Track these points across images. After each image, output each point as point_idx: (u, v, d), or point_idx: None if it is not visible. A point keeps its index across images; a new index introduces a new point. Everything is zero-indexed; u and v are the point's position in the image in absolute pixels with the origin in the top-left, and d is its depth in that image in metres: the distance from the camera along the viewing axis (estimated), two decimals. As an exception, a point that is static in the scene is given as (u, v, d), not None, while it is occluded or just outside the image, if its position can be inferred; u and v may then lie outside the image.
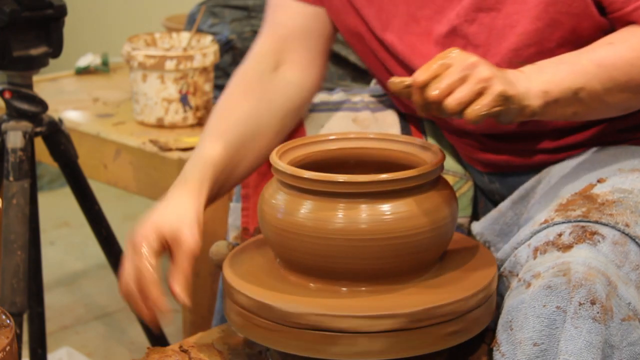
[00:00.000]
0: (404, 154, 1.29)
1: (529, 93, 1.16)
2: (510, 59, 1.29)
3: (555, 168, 1.36)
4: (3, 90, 1.73)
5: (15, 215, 1.66)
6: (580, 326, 1.11)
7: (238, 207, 1.48)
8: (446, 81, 1.11)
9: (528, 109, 1.16)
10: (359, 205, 1.16)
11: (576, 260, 1.13)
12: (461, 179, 1.50)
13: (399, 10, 1.37)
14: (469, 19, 1.32)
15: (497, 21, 1.31)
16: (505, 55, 1.30)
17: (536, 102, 1.16)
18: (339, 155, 1.31)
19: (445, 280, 1.22)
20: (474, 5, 1.31)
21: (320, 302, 1.17)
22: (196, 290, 2.11)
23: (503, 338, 1.16)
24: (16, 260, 1.64)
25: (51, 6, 1.69)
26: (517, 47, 1.29)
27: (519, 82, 1.16)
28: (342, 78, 2.37)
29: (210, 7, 2.47)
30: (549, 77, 1.18)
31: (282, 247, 1.21)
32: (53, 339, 2.34)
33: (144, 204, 3.25)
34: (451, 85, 1.11)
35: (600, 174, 1.27)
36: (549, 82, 1.18)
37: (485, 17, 1.31)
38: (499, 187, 1.46)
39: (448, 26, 1.34)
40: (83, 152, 1.99)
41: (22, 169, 1.69)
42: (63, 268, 2.85)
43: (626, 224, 1.17)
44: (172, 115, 2.20)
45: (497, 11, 1.30)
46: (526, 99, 1.16)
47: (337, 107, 1.51)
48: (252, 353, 1.30)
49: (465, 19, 1.32)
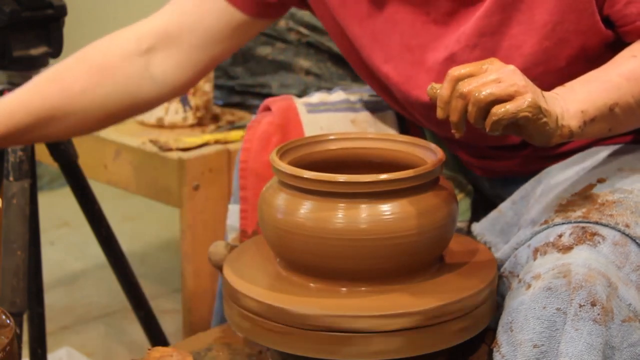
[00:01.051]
0: (404, 154, 1.29)
1: (566, 113, 1.13)
2: None
3: (555, 168, 1.36)
4: (3, 90, 1.73)
5: (15, 215, 1.66)
6: (580, 328, 1.10)
7: (236, 209, 1.48)
8: (481, 79, 1.08)
9: (566, 129, 1.13)
10: (359, 205, 1.16)
11: (576, 262, 1.13)
12: (460, 184, 1.49)
13: (391, 40, 1.35)
14: (470, 45, 1.29)
15: (502, 43, 1.28)
16: None
17: (574, 122, 1.14)
18: (339, 155, 1.31)
19: (446, 280, 1.22)
20: (476, 31, 1.28)
21: (321, 302, 1.17)
22: (196, 290, 2.11)
23: (503, 339, 1.16)
24: (16, 260, 1.64)
25: (51, 6, 1.69)
26: (524, 67, 1.22)
27: (555, 102, 1.13)
28: (342, 78, 2.37)
29: (210, 7, 2.47)
30: (584, 97, 1.16)
31: (282, 247, 1.21)
32: (53, 339, 2.34)
33: (144, 204, 3.26)
34: (485, 84, 1.08)
35: (600, 174, 1.27)
36: (584, 102, 1.15)
37: (489, 41, 1.28)
38: (500, 192, 1.46)
39: (446, 53, 1.31)
40: (83, 152, 1.99)
41: (22, 169, 1.69)
42: (63, 268, 2.85)
43: (626, 225, 1.17)
44: (172, 115, 2.20)
45: (501, 34, 1.28)
46: (564, 119, 1.13)
47: (335, 108, 1.50)
48: (252, 353, 1.30)
49: (466, 44, 1.29)
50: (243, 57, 2.38)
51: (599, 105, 1.16)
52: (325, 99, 1.52)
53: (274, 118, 1.45)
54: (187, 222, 2.07)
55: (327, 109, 1.50)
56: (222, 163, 2.09)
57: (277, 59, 2.36)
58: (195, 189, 2.05)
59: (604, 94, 1.17)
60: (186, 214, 2.06)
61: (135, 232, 3.11)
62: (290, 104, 1.48)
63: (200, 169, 2.05)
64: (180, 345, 1.34)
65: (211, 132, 2.18)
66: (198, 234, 2.08)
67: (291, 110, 1.47)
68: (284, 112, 1.46)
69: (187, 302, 2.13)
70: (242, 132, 2.17)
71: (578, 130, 1.14)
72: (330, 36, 1.45)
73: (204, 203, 2.07)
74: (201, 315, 2.14)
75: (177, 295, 2.65)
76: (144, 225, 3.18)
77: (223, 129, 2.20)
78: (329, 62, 2.38)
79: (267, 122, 1.45)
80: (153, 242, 3.07)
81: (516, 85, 1.08)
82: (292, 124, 1.46)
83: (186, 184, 2.03)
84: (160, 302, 2.60)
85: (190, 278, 2.10)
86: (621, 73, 1.19)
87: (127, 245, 2.23)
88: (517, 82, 1.08)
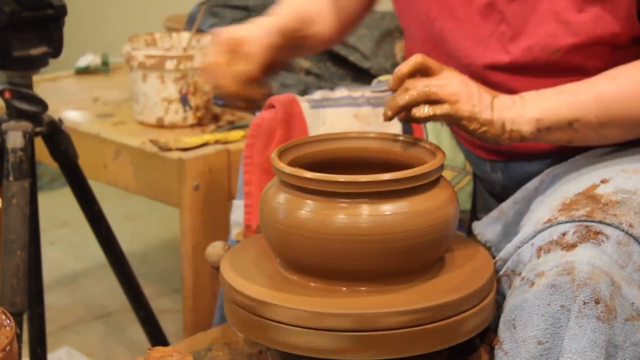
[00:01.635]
0: (404, 154, 1.29)
1: (519, 118, 1.24)
2: (544, 45, 1.30)
3: (558, 169, 1.36)
4: (3, 90, 1.73)
5: (15, 215, 1.66)
6: (584, 325, 1.11)
7: (241, 204, 1.48)
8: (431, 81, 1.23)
9: (516, 134, 1.25)
10: (359, 205, 1.16)
11: (580, 260, 1.14)
12: (460, 173, 1.50)
13: None
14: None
15: (541, 6, 1.30)
16: (541, 40, 1.30)
17: (526, 127, 1.25)
18: (339, 155, 1.31)
19: (446, 280, 1.22)
20: None
21: (321, 302, 1.17)
22: (196, 290, 2.11)
23: (506, 336, 1.17)
24: (16, 260, 1.64)
25: (51, 6, 1.69)
26: (556, 33, 1.28)
27: (506, 109, 1.24)
28: (342, 78, 2.37)
29: (210, 7, 2.47)
30: (547, 106, 1.25)
31: (282, 246, 1.21)
32: (53, 339, 2.34)
33: (144, 204, 3.27)
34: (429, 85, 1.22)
35: (603, 175, 1.28)
36: (545, 111, 1.25)
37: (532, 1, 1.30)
38: (500, 176, 1.46)
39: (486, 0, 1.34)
40: (83, 152, 1.99)
41: (22, 169, 1.69)
42: (63, 268, 2.85)
43: (630, 225, 1.17)
44: (172, 115, 2.20)
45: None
46: (514, 123, 1.24)
47: (338, 104, 1.51)
48: (252, 353, 1.30)
49: None
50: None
51: (558, 118, 1.25)
52: (327, 96, 1.53)
53: (277, 113, 1.46)
54: (187, 222, 2.06)
55: (330, 104, 1.51)
56: (222, 163, 2.09)
57: (277, 59, 2.36)
58: (195, 189, 2.04)
59: (568, 107, 1.25)
60: (186, 214, 2.06)
61: (135, 232, 3.11)
62: (293, 100, 1.49)
63: (200, 169, 2.05)
64: (180, 345, 1.34)
65: (211, 132, 2.17)
66: (198, 234, 2.08)
67: (294, 105, 1.48)
68: (287, 108, 1.47)
69: (187, 302, 2.13)
70: (243, 132, 2.17)
71: (530, 135, 1.25)
72: None
73: (204, 203, 2.07)
74: (201, 315, 2.14)
75: (177, 295, 2.65)
76: (144, 225, 3.18)
77: (223, 129, 2.20)
78: (329, 62, 2.38)
79: (270, 118, 1.46)
80: (153, 242, 3.07)
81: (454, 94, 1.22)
82: (295, 118, 1.47)
83: (186, 184, 2.03)
84: (160, 302, 2.60)
85: (190, 278, 2.10)
86: (593, 92, 1.26)
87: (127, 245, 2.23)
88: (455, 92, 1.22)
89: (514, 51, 1.32)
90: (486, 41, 1.34)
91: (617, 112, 1.25)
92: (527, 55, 1.31)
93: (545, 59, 1.30)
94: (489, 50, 1.34)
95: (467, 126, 1.24)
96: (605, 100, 1.25)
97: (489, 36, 1.34)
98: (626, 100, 1.25)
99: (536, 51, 1.29)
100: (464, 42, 1.36)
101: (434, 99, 1.22)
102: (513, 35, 1.32)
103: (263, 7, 2.44)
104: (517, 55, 1.32)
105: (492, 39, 1.34)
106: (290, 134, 1.45)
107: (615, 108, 1.25)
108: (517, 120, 1.24)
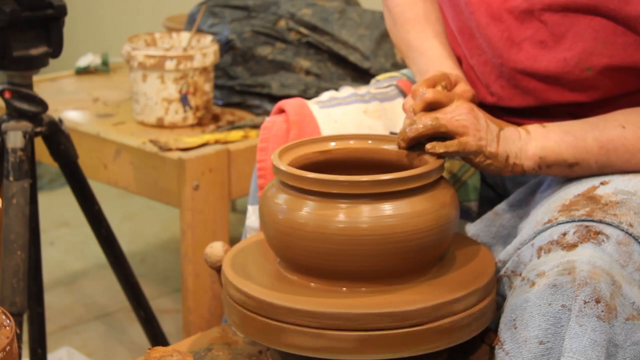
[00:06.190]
0: (404, 154, 1.29)
1: (523, 154, 1.28)
2: (579, 60, 1.29)
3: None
4: (3, 90, 1.73)
5: (15, 215, 1.66)
6: (585, 324, 1.11)
7: (255, 210, 1.48)
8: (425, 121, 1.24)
9: (518, 167, 1.29)
10: (360, 206, 1.16)
11: (581, 259, 1.14)
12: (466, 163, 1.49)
13: None
14: (554, 9, 1.30)
15: (582, 21, 1.29)
16: (577, 54, 1.29)
17: (528, 163, 1.28)
18: (340, 155, 1.31)
19: (446, 280, 1.22)
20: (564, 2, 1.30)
21: (321, 302, 1.17)
22: (196, 290, 2.11)
23: (507, 336, 1.17)
24: (16, 260, 1.64)
25: (51, 6, 1.69)
26: (593, 51, 1.28)
27: (511, 142, 1.28)
28: (342, 78, 2.37)
29: (210, 7, 2.47)
30: (551, 145, 1.28)
31: (283, 247, 1.21)
32: (53, 339, 2.34)
33: (144, 204, 3.27)
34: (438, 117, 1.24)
35: (602, 177, 1.28)
36: (548, 150, 1.28)
37: (574, 16, 1.30)
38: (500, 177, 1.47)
39: (527, 4, 1.32)
40: (83, 152, 1.99)
41: (22, 169, 1.69)
42: (63, 268, 2.85)
43: (630, 224, 1.18)
44: (172, 115, 2.20)
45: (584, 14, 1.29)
46: (517, 157, 1.28)
47: (346, 102, 1.52)
48: (252, 353, 1.30)
49: (550, 6, 1.30)
50: (243, 57, 2.38)
51: (560, 159, 1.28)
52: (334, 96, 1.54)
53: (288, 116, 1.47)
54: (187, 222, 2.07)
55: (338, 103, 1.51)
56: (222, 163, 2.09)
57: (277, 59, 2.36)
58: (195, 189, 2.05)
59: (571, 150, 1.28)
60: (186, 214, 2.06)
61: (135, 232, 3.11)
62: (303, 103, 1.49)
63: (200, 169, 2.05)
64: (180, 345, 1.34)
65: (211, 132, 2.18)
66: (198, 234, 2.08)
67: (304, 107, 1.48)
68: (297, 110, 1.47)
69: (187, 302, 2.13)
70: (243, 132, 2.18)
71: (531, 171, 1.29)
72: None
73: (204, 203, 2.07)
74: (201, 315, 2.14)
75: (177, 295, 2.65)
76: (144, 225, 3.18)
77: (223, 129, 2.20)
78: (329, 62, 2.38)
79: (282, 120, 1.47)
80: (153, 242, 3.07)
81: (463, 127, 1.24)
82: (306, 119, 1.47)
83: (186, 184, 2.03)
84: (160, 302, 2.60)
85: (190, 278, 2.10)
86: (599, 138, 1.28)
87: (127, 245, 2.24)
88: (464, 124, 1.24)
89: (549, 60, 1.32)
90: (520, 44, 1.34)
91: (618, 160, 1.27)
92: (561, 68, 1.31)
93: (577, 74, 1.30)
94: (522, 55, 1.33)
95: (472, 159, 1.27)
96: (610, 148, 1.27)
97: (524, 40, 1.33)
98: (629, 151, 1.27)
99: (571, 65, 1.29)
100: (498, 41, 1.35)
101: (442, 132, 1.24)
102: (551, 45, 1.31)
103: (263, 7, 2.44)
104: (550, 65, 1.32)
105: (526, 44, 1.33)
106: (303, 135, 1.45)
107: (617, 157, 1.27)
108: (520, 155, 1.28)
